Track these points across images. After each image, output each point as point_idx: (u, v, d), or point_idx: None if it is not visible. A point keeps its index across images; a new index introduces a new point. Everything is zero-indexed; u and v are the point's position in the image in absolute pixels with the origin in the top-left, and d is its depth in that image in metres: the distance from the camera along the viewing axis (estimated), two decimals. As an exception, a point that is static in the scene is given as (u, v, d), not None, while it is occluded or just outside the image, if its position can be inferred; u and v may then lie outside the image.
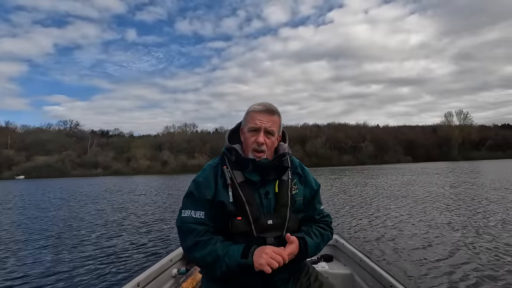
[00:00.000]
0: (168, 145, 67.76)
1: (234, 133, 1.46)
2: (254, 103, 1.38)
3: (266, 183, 1.33)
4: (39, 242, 6.50)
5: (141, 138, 78.05)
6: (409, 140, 75.72)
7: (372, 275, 1.97)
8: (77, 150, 64.63)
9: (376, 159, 68.94)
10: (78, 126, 77.46)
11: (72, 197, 16.90)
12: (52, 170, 56.60)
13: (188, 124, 78.88)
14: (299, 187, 1.39)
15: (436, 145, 75.82)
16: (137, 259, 5.03)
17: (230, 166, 1.34)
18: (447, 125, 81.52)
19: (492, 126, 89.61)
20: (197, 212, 1.29)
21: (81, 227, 8.03)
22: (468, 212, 7.96)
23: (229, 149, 1.38)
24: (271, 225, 1.27)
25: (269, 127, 1.31)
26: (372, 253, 4.62)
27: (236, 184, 1.30)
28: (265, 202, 1.30)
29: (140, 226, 7.78)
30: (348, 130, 77.27)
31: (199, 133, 76.83)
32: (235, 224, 1.25)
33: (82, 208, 11.91)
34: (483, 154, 71.55)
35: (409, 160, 69.24)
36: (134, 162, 62.29)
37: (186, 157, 64.59)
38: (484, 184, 14.82)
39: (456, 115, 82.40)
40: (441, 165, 43.77)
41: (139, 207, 11.60)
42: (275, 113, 1.35)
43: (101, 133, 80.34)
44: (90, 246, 6.01)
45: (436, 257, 4.52)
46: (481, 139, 76.93)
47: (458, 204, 9.23)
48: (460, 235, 5.73)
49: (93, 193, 19.02)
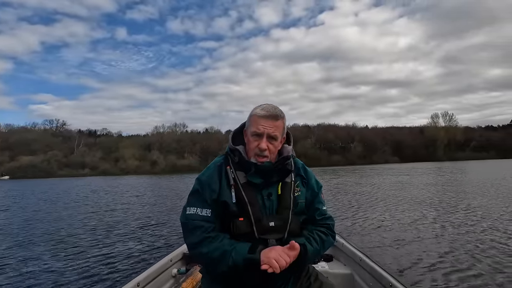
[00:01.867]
0: (157, 145, 66.87)
1: (238, 134, 1.46)
2: (258, 105, 1.37)
3: (269, 185, 1.33)
4: (39, 242, 6.46)
5: (129, 138, 76.72)
6: (396, 140, 76.99)
7: (372, 275, 1.99)
8: (63, 150, 63.01)
9: (364, 159, 69.79)
10: (64, 125, 75.54)
11: (69, 197, 16.63)
12: (38, 171, 55.03)
13: (178, 124, 78.01)
14: (301, 189, 1.39)
15: (423, 146, 77.28)
16: (137, 259, 5.03)
17: (233, 167, 1.35)
18: (433, 126, 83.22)
19: (476, 128, 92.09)
20: (204, 209, 1.29)
21: (80, 227, 7.96)
22: (468, 211, 8.09)
23: (233, 150, 1.38)
24: (273, 227, 1.27)
25: (272, 132, 1.31)
26: (372, 253, 4.61)
27: (239, 185, 1.30)
28: (267, 203, 1.31)
29: (139, 226, 7.75)
30: (337, 131, 78.03)
31: (189, 133, 76.04)
32: (237, 225, 1.26)
33: (80, 208, 11.75)
34: (467, 154, 73.27)
35: (397, 160, 70.39)
36: (123, 163, 61.20)
37: (175, 157, 63.89)
38: (479, 184, 15.21)
39: (442, 116, 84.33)
40: (429, 165, 44.57)
41: (139, 207, 11.54)
42: (279, 117, 1.33)
43: (89, 133, 78.62)
44: (90, 246, 5.97)
45: (436, 256, 4.55)
46: (466, 140, 78.82)
47: (457, 203, 9.39)
48: (459, 234, 5.80)
49: (88, 193, 18.72)
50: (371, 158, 70.31)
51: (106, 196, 16.65)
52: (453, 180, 18.41)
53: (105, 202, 13.52)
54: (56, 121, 76.92)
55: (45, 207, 12.48)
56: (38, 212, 11.15)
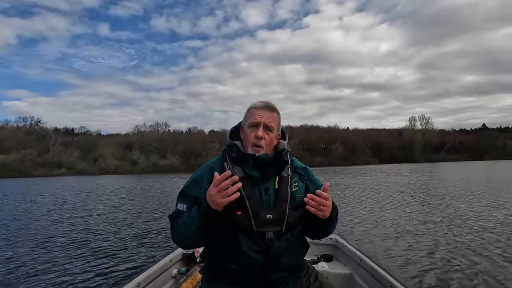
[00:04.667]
0: (138, 144, 65.35)
1: (234, 132, 1.48)
2: (255, 101, 1.42)
3: (266, 179, 1.34)
4: (39, 242, 6.43)
5: (109, 137, 74.65)
6: (376, 142, 79.11)
7: (372, 275, 2.00)
8: (38, 149, 60.24)
9: (346, 161, 71.25)
10: (39, 123, 71.97)
11: (66, 197, 16.23)
12: (10, 170, 52.48)
13: (160, 123, 76.41)
14: (299, 184, 1.40)
15: (401, 148, 79.78)
16: (137, 259, 5.04)
17: (230, 162, 1.36)
18: (411, 129, 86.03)
19: (450, 131, 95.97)
20: (181, 204, 1.35)
21: (80, 227, 7.88)
22: (467, 211, 8.32)
23: (230, 146, 1.41)
24: (271, 219, 1.28)
25: (269, 122, 1.35)
26: (372, 253, 4.64)
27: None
28: (265, 197, 1.32)
29: (140, 227, 7.74)
30: (320, 132, 79.23)
31: (172, 133, 74.75)
32: (235, 219, 1.26)
33: (77, 209, 11.55)
34: (442, 156, 76.22)
35: (376, 161, 72.28)
36: (102, 162, 59.35)
37: (157, 157, 62.63)
38: (471, 184, 15.87)
39: (419, 119, 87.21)
40: (410, 167, 46.07)
41: (138, 207, 11.45)
42: (275, 110, 1.40)
43: (66, 131, 75.61)
44: (90, 246, 5.96)
45: (436, 256, 4.61)
46: (441, 142, 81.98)
47: (455, 203, 9.70)
48: (458, 234, 5.92)
49: (81, 193, 18.28)
50: (352, 159, 71.82)
51: (105, 196, 16.35)
52: (440, 181, 19.09)
53: (105, 202, 13.33)
54: (31, 118, 73.31)
55: (41, 208, 12.08)
56: (35, 213, 10.84)
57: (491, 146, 78.84)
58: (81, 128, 79.67)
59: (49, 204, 13.23)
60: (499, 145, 79.39)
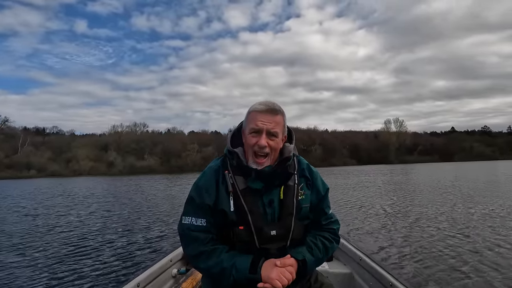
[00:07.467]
0: (114, 145, 63.25)
1: (236, 134, 1.37)
2: (256, 101, 1.28)
3: (271, 189, 1.26)
4: (39, 242, 6.38)
5: (84, 137, 71.81)
6: (354, 144, 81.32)
7: (372, 274, 2.01)
8: (5, 150, 56.97)
9: (324, 162, 72.65)
10: (7, 122, 68.06)
11: (63, 198, 15.78)
12: (-27, 172, 49.23)
13: (138, 124, 74.52)
14: (306, 192, 1.31)
15: (377, 149, 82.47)
16: (137, 259, 5.03)
17: (232, 171, 1.27)
18: (386, 131, 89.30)
19: (423, 133, 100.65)
20: (199, 219, 1.23)
21: (79, 228, 7.76)
22: (466, 210, 8.46)
23: (231, 153, 1.30)
24: (275, 235, 1.21)
25: (272, 128, 1.22)
26: (372, 252, 4.67)
27: (238, 192, 1.23)
28: (268, 210, 1.24)
29: (139, 227, 7.69)
30: (299, 134, 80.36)
31: (150, 133, 72.99)
32: (237, 233, 1.21)
33: (77, 210, 11.30)
34: (415, 158, 79.51)
35: (354, 163, 74.29)
36: (75, 163, 56.90)
37: (134, 159, 60.89)
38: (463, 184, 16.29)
39: (394, 122, 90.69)
40: (387, 167, 47.56)
41: (137, 207, 11.22)
42: (278, 112, 1.26)
43: (36, 131, 71.95)
44: (90, 247, 5.89)
45: (435, 255, 4.66)
46: (414, 144, 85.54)
47: (454, 203, 9.88)
48: (458, 233, 6.02)
49: (78, 195, 17.67)
50: (330, 161, 73.33)
51: (104, 196, 16.02)
52: (424, 181, 19.70)
53: (104, 202, 13.08)
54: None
55: (39, 208, 11.37)
56: (35, 213, 10.41)
57: (459, 148, 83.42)
58: (53, 128, 76.19)
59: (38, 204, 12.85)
60: (466, 147, 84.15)
